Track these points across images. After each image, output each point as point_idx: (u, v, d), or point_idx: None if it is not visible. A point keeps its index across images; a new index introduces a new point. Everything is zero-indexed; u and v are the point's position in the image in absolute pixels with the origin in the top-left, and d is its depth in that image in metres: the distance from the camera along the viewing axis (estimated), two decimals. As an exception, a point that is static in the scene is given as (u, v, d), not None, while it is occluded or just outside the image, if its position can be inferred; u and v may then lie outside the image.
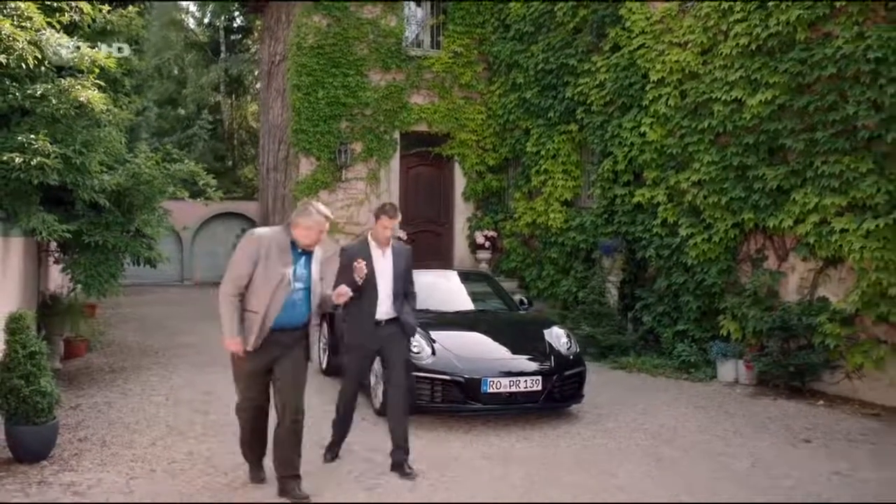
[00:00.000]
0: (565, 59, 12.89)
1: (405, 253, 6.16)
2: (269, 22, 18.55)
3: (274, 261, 5.05)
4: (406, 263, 6.10)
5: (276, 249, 5.08)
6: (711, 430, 7.11)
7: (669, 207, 10.71)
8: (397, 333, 5.97)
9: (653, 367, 10.10)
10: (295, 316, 5.15)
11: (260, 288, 5.04)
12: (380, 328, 5.91)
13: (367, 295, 5.86)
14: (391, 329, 5.94)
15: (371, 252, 5.95)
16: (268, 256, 5.06)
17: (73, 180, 7.34)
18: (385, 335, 5.92)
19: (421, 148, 15.56)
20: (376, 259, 5.93)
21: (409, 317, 6.06)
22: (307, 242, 5.17)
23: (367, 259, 5.83)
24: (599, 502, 5.20)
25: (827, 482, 5.64)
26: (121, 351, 11.14)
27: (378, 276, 5.89)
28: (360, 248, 6.02)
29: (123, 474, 5.67)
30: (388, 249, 6.02)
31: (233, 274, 5.08)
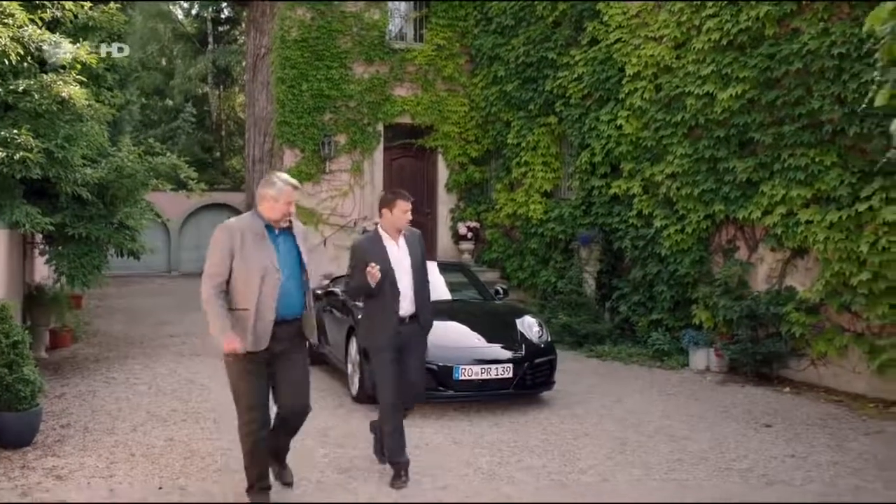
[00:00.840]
0: (545, 53, 13.07)
1: (417, 239, 5.66)
2: (254, 14, 18.67)
3: (252, 249, 4.65)
4: (421, 250, 5.63)
5: (252, 236, 4.67)
6: (677, 416, 7.35)
7: (645, 199, 10.94)
8: (417, 332, 5.57)
9: (627, 356, 10.33)
10: (290, 305, 4.78)
11: (244, 283, 4.64)
12: (403, 326, 5.45)
13: (388, 291, 5.39)
14: (412, 328, 5.52)
15: (385, 245, 5.48)
16: (243, 246, 4.65)
17: (55, 174, 7.51)
18: (406, 333, 5.47)
19: (404, 140, 15.73)
20: (392, 252, 5.47)
21: (428, 312, 5.66)
22: (276, 217, 4.74)
23: (381, 253, 5.40)
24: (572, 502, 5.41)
25: (781, 464, 5.88)
26: (106, 341, 11.32)
27: (397, 270, 5.44)
28: (371, 243, 5.52)
29: (104, 459, 5.86)
30: (400, 238, 5.54)
31: (209, 272, 4.68)
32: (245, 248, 4.65)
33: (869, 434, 6.69)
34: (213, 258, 4.69)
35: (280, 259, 4.73)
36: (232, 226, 4.73)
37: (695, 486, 5.35)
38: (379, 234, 5.54)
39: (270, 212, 4.74)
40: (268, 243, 4.70)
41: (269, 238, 4.73)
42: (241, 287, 4.66)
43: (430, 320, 5.69)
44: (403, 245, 5.54)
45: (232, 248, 4.65)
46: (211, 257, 4.70)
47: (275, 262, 4.68)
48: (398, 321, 5.41)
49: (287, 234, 4.85)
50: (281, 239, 4.81)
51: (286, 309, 4.75)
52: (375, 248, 5.45)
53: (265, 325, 4.65)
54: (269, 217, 4.75)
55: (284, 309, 4.73)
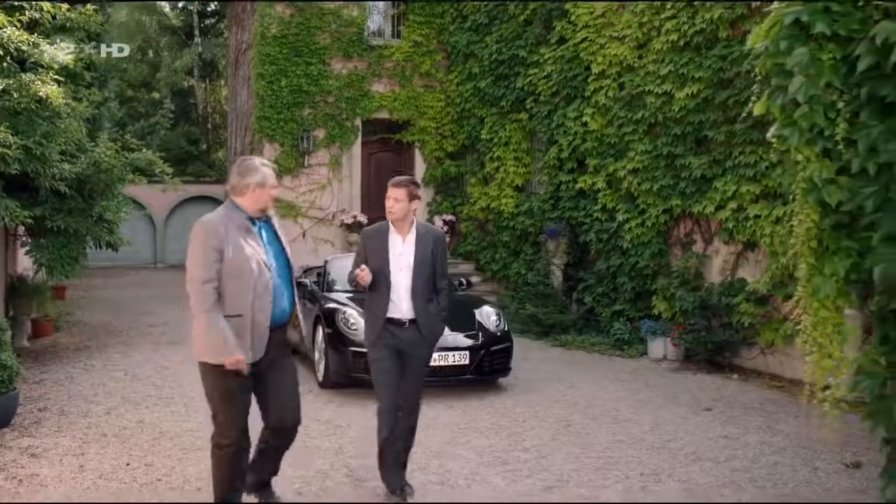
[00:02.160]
0: (516, 51, 13.43)
1: (434, 237, 5.09)
2: (236, 10, 18.96)
3: (239, 246, 4.08)
4: (435, 250, 5.02)
5: (237, 231, 4.10)
6: (625, 401, 7.75)
7: (608, 193, 11.33)
8: (418, 341, 4.97)
9: (590, 345, 10.74)
10: (283, 307, 4.29)
11: (236, 285, 4.06)
12: (402, 330, 4.93)
13: (380, 288, 4.92)
14: (412, 334, 4.95)
15: (389, 237, 4.96)
16: (229, 242, 4.06)
17: (33, 169, 7.83)
18: (406, 340, 4.94)
19: (382, 134, 16.07)
20: (393, 245, 4.94)
21: (433, 320, 5.05)
22: (264, 205, 4.22)
23: (381, 247, 4.93)
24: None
25: (713, 444, 6.28)
26: (87, 330, 11.67)
27: (393, 267, 4.91)
28: (374, 234, 5.04)
29: (77, 439, 6.23)
30: (410, 234, 4.98)
31: (201, 277, 4.03)
32: (232, 245, 4.06)
33: (798, 417, 7.11)
34: (200, 261, 4.04)
35: (266, 254, 4.21)
36: (213, 221, 4.12)
37: (623, 463, 5.75)
38: (388, 224, 5.00)
39: (257, 201, 4.18)
40: (255, 237, 4.18)
41: (254, 231, 4.22)
42: (232, 290, 4.06)
43: (434, 329, 5.08)
44: (412, 241, 4.97)
45: (220, 246, 4.04)
46: (197, 261, 4.05)
47: (265, 258, 4.17)
48: (389, 323, 4.90)
49: (267, 225, 4.34)
50: (263, 231, 4.30)
51: (280, 311, 4.24)
52: (376, 241, 4.99)
53: (262, 332, 4.13)
54: (254, 208, 4.20)
55: (278, 311, 4.23)
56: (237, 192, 4.21)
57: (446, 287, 5.21)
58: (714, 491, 5.16)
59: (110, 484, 5.21)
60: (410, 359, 4.98)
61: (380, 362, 4.94)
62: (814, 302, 3.53)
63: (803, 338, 3.62)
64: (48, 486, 5.14)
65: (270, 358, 4.23)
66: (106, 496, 4.98)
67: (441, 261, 5.09)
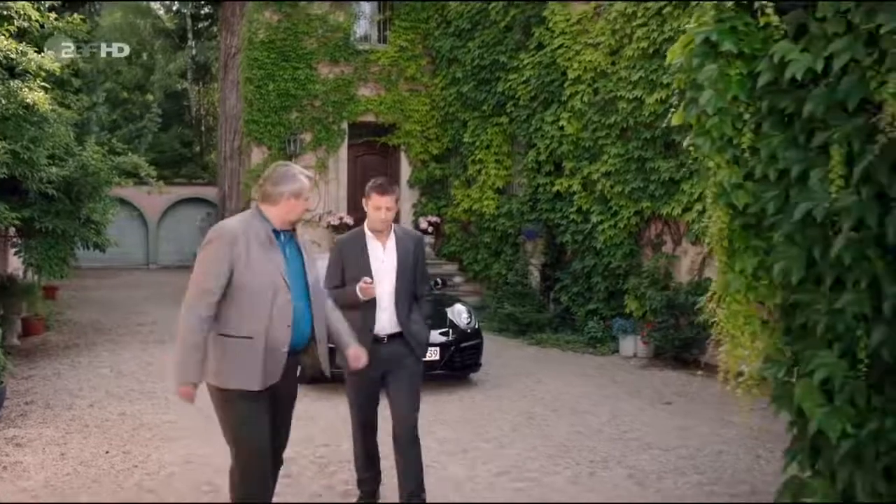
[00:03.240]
0: (497, 56, 13.76)
1: (414, 242, 4.75)
2: (226, 14, 19.29)
3: (259, 259, 3.70)
4: (415, 256, 4.69)
5: (258, 243, 3.72)
6: (590, 396, 8.07)
7: (583, 196, 11.66)
8: (404, 354, 4.57)
9: (565, 343, 11.06)
10: (303, 332, 3.85)
11: (250, 303, 3.67)
12: (381, 347, 4.50)
13: (363, 303, 4.51)
14: (396, 348, 4.56)
15: (367, 244, 4.60)
16: (249, 255, 3.69)
17: (21, 173, 8.14)
18: (387, 356, 4.52)
19: (368, 137, 16.39)
20: (373, 254, 4.59)
21: (420, 328, 4.67)
22: (295, 218, 3.86)
23: (359, 256, 4.57)
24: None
25: (665, 433, 6.61)
26: (77, 329, 11.98)
27: (375, 277, 4.54)
28: (349, 243, 4.69)
29: (61, 430, 6.54)
30: (389, 240, 4.63)
31: (200, 287, 3.68)
32: (250, 257, 3.69)
33: (753, 409, 7.41)
34: (205, 270, 3.68)
35: (287, 271, 3.79)
36: (233, 229, 3.75)
37: (576, 451, 6.07)
38: (363, 231, 4.65)
39: (289, 212, 3.81)
40: (277, 252, 3.78)
41: (278, 245, 3.81)
42: (244, 309, 3.68)
43: (422, 340, 4.68)
44: (392, 248, 4.62)
45: (233, 257, 3.67)
46: (205, 269, 3.69)
47: (284, 277, 3.75)
48: (373, 340, 4.48)
49: (292, 240, 3.92)
50: (287, 248, 3.87)
51: (299, 336, 3.82)
52: (353, 249, 4.63)
53: (279, 357, 3.72)
54: (283, 220, 3.82)
55: (298, 335, 3.81)
56: (269, 200, 3.81)
57: (428, 293, 4.85)
58: (655, 476, 5.48)
59: (89, 470, 5.52)
60: (398, 373, 4.56)
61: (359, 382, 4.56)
62: (726, 296, 3.86)
63: (717, 329, 3.95)
64: (30, 472, 5.45)
65: (284, 385, 3.84)
66: (85, 481, 5.29)
67: (422, 265, 4.75)
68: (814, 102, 3.32)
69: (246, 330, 3.69)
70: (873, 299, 3.24)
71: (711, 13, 3.66)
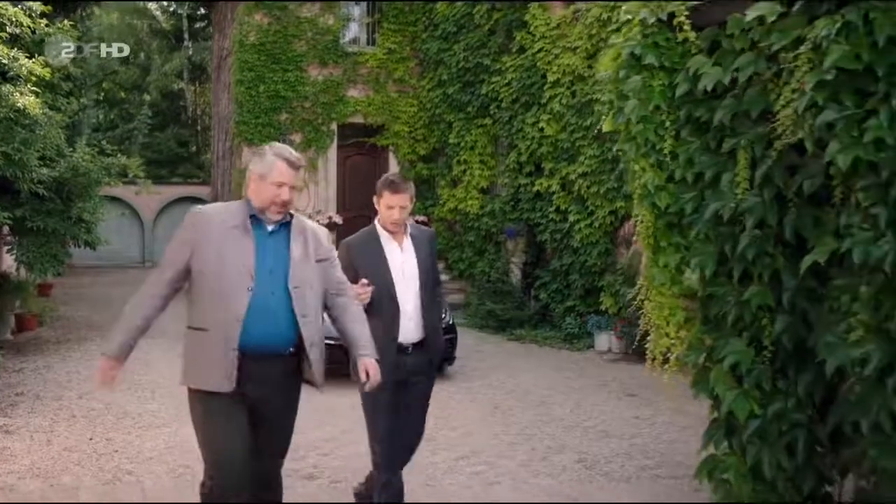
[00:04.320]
0: (481, 59, 14.08)
1: (428, 238, 4.40)
2: (218, 17, 19.61)
3: (224, 246, 3.42)
4: (430, 252, 4.34)
5: (227, 229, 3.44)
6: (558, 388, 8.40)
7: (562, 195, 11.99)
8: (424, 366, 4.23)
9: (542, 339, 11.39)
10: (274, 333, 3.43)
11: (209, 292, 3.41)
12: (406, 357, 4.11)
13: (383, 309, 4.08)
14: (418, 359, 4.17)
15: (382, 246, 4.18)
16: (209, 240, 3.43)
17: (12, 173, 8.46)
18: (411, 367, 4.14)
19: (357, 138, 16.72)
20: (391, 256, 4.17)
21: (440, 337, 4.43)
22: (261, 202, 3.48)
23: (376, 257, 4.14)
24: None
25: (622, 422, 6.94)
26: (69, 325, 12.31)
27: (396, 281, 4.13)
28: (364, 242, 4.23)
29: (49, 419, 6.87)
30: (405, 240, 4.23)
31: (158, 267, 3.57)
32: (212, 244, 3.42)
33: (709, 400, 7.76)
34: (169, 248, 3.57)
35: (260, 262, 3.43)
36: (203, 212, 3.56)
37: (536, 438, 6.40)
38: (375, 231, 4.23)
39: (257, 196, 3.50)
40: (246, 240, 3.45)
41: (255, 233, 3.48)
42: (204, 297, 3.43)
43: (439, 348, 4.41)
44: (410, 248, 4.22)
45: (194, 239, 3.46)
46: (167, 252, 3.58)
47: (249, 266, 3.40)
48: (398, 350, 4.07)
49: (283, 232, 3.56)
50: (273, 238, 3.53)
51: (271, 336, 3.42)
52: (369, 252, 4.17)
53: (229, 357, 3.34)
54: (259, 204, 3.50)
55: (268, 336, 3.41)
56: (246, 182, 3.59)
57: (441, 295, 4.48)
58: (604, 460, 5.82)
59: (73, 455, 5.85)
60: (414, 387, 4.20)
61: (377, 410, 4.09)
62: (652, 289, 4.19)
63: (645, 320, 4.28)
64: (17, 457, 5.78)
65: (258, 395, 3.45)
66: (68, 464, 5.62)
67: (435, 264, 4.40)
68: (723, 111, 3.65)
69: (201, 321, 3.43)
70: (775, 291, 3.58)
71: (637, 29, 3.99)
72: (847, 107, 3.03)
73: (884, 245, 2.97)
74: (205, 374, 3.43)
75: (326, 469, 5.62)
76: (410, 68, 16.70)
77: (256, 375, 3.42)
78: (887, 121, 2.92)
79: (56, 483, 5.25)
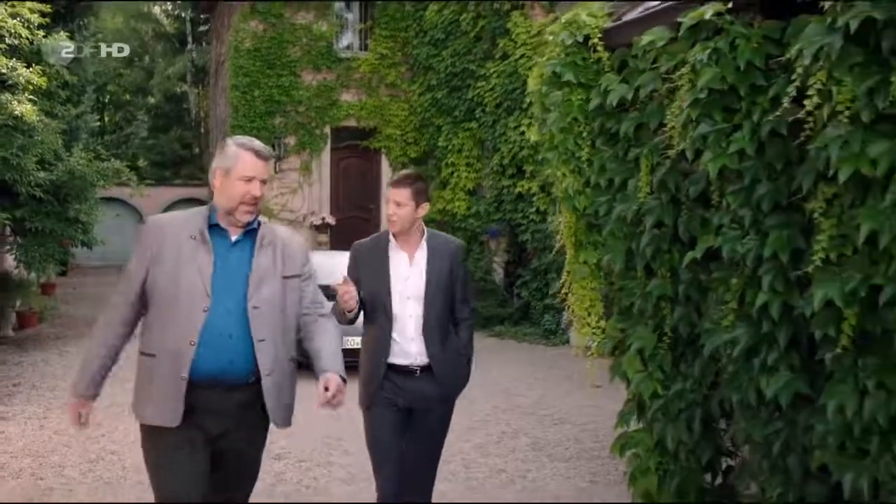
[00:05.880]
0: (467, 65, 14.56)
1: (452, 251, 3.92)
2: (216, 24, 20.13)
3: (178, 258, 2.98)
4: (454, 269, 3.86)
5: (184, 241, 3.00)
6: (525, 380, 8.86)
7: (542, 197, 12.46)
8: (433, 397, 3.79)
9: (522, 335, 11.85)
10: (230, 359, 2.99)
11: (157, 310, 3.02)
12: (411, 381, 3.73)
13: (377, 323, 3.75)
14: (424, 385, 3.74)
15: (389, 254, 3.78)
16: (163, 253, 3.00)
17: (11, 177, 8.97)
18: (417, 394, 3.73)
19: (350, 141, 17.21)
20: (395, 268, 3.76)
21: (455, 365, 3.93)
22: (229, 202, 3.01)
23: (379, 266, 3.74)
24: None
25: (580, 412, 7.39)
26: (69, 322, 12.81)
27: (395, 293, 3.72)
28: (372, 247, 3.85)
29: (42, 407, 7.37)
30: (419, 250, 3.80)
31: (120, 289, 3.13)
32: (165, 257, 2.99)
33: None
34: (125, 273, 3.14)
35: (217, 278, 2.99)
36: (159, 222, 3.15)
37: (493, 424, 6.87)
38: (387, 236, 3.83)
39: (223, 196, 3.03)
40: (204, 252, 3.00)
41: (214, 244, 3.03)
42: (153, 319, 3.04)
43: (457, 378, 3.97)
44: (422, 259, 3.79)
45: (149, 252, 3.03)
46: (125, 272, 3.16)
47: (205, 282, 2.97)
48: (392, 371, 3.70)
49: (248, 242, 3.10)
50: (237, 249, 3.08)
51: (219, 363, 2.96)
52: (373, 258, 3.79)
53: (175, 384, 2.94)
54: (225, 206, 3.04)
55: (215, 363, 2.96)
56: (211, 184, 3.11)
57: (470, 316, 4.03)
58: (554, 444, 6.27)
59: (63, 438, 6.35)
60: (424, 419, 3.78)
61: (377, 431, 3.74)
62: (574, 283, 4.65)
63: (570, 312, 4.74)
64: (12, 440, 6.28)
65: (220, 431, 3.05)
66: (57, 446, 6.11)
67: (463, 283, 3.94)
68: (628, 124, 4.11)
69: (149, 345, 3.06)
70: (674, 284, 4.02)
71: (558, 49, 4.45)
72: (717, 122, 3.47)
73: (748, 242, 3.41)
74: (151, 407, 3.01)
75: (293, 450, 6.08)
76: (402, 73, 17.19)
77: (213, 407, 3.00)
78: (749, 134, 3.36)
79: (45, 461, 5.73)
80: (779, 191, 3.30)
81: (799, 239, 3.23)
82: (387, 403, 3.70)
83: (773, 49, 3.32)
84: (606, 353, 4.53)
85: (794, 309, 3.19)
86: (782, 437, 3.39)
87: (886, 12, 2.69)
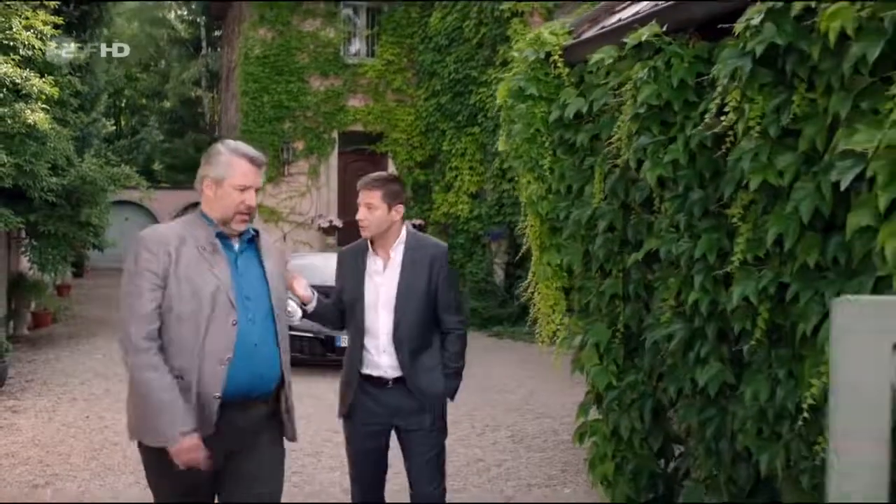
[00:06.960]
0: (469, 71, 14.90)
1: (432, 256, 3.67)
2: (227, 31, 20.57)
3: (192, 270, 2.75)
4: (433, 275, 3.62)
5: (195, 251, 2.78)
6: (517, 378, 9.17)
7: (540, 200, 12.76)
8: (412, 410, 3.54)
9: (520, 335, 12.16)
10: (262, 371, 2.85)
11: (176, 328, 2.72)
12: (385, 393, 3.54)
13: (351, 332, 3.65)
14: (401, 399, 3.54)
15: (366, 260, 3.61)
16: (177, 265, 2.73)
17: (24, 183, 9.38)
18: (394, 406, 3.54)
19: (357, 145, 17.59)
20: (370, 272, 3.59)
21: (430, 375, 3.60)
22: (223, 213, 2.85)
23: (356, 272, 3.61)
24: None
25: (562, 408, 7.68)
26: (81, 322, 13.26)
27: (368, 302, 3.55)
28: (353, 252, 3.72)
29: (52, 401, 7.76)
30: (395, 253, 3.60)
31: (137, 313, 2.69)
32: (180, 269, 2.74)
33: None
34: (136, 291, 2.71)
35: (238, 288, 2.82)
36: (160, 234, 2.84)
37: (478, 418, 7.19)
38: (367, 242, 3.65)
39: (213, 204, 2.86)
40: (220, 262, 2.82)
41: (225, 252, 2.86)
42: (173, 337, 2.73)
43: (432, 389, 3.62)
44: (396, 265, 3.59)
45: (164, 270, 2.73)
46: (130, 292, 2.73)
47: (229, 294, 2.77)
48: (366, 382, 3.54)
49: (251, 247, 2.98)
50: (243, 257, 2.94)
51: (253, 378, 2.82)
52: (351, 265, 3.67)
53: (208, 405, 2.72)
54: (219, 216, 2.87)
55: (255, 377, 2.82)
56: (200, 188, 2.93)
57: (460, 326, 3.77)
58: (532, 436, 6.59)
59: (70, 430, 6.72)
60: (410, 435, 3.56)
61: (352, 444, 3.62)
62: (539, 283, 4.97)
63: (534, 309, 5.06)
64: (22, 431, 6.66)
65: (240, 447, 2.86)
66: (65, 437, 6.49)
67: (445, 289, 3.67)
68: (583, 135, 4.42)
69: (172, 366, 2.70)
70: (625, 284, 4.34)
71: (523, 65, 4.78)
72: (655, 134, 3.79)
73: (682, 245, 3.72)
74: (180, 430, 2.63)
75: (286, 441, 6.43)
76: (408, 78, 17.56)
77: (241, 423, 2.82)
78: (682, 146, 3.67)
79: (52, 450, 6.11)
80: (708, 197, 3.61)
81: (725, 241, 3.53)
82: (360, 416, 3.55)
83: (702, 68, 3.63)
84: (568, 348, 4.83)
85: (720, 305, 3.50)
86: (714, 424, 3.69)
87: (787, 38, 3.00)
